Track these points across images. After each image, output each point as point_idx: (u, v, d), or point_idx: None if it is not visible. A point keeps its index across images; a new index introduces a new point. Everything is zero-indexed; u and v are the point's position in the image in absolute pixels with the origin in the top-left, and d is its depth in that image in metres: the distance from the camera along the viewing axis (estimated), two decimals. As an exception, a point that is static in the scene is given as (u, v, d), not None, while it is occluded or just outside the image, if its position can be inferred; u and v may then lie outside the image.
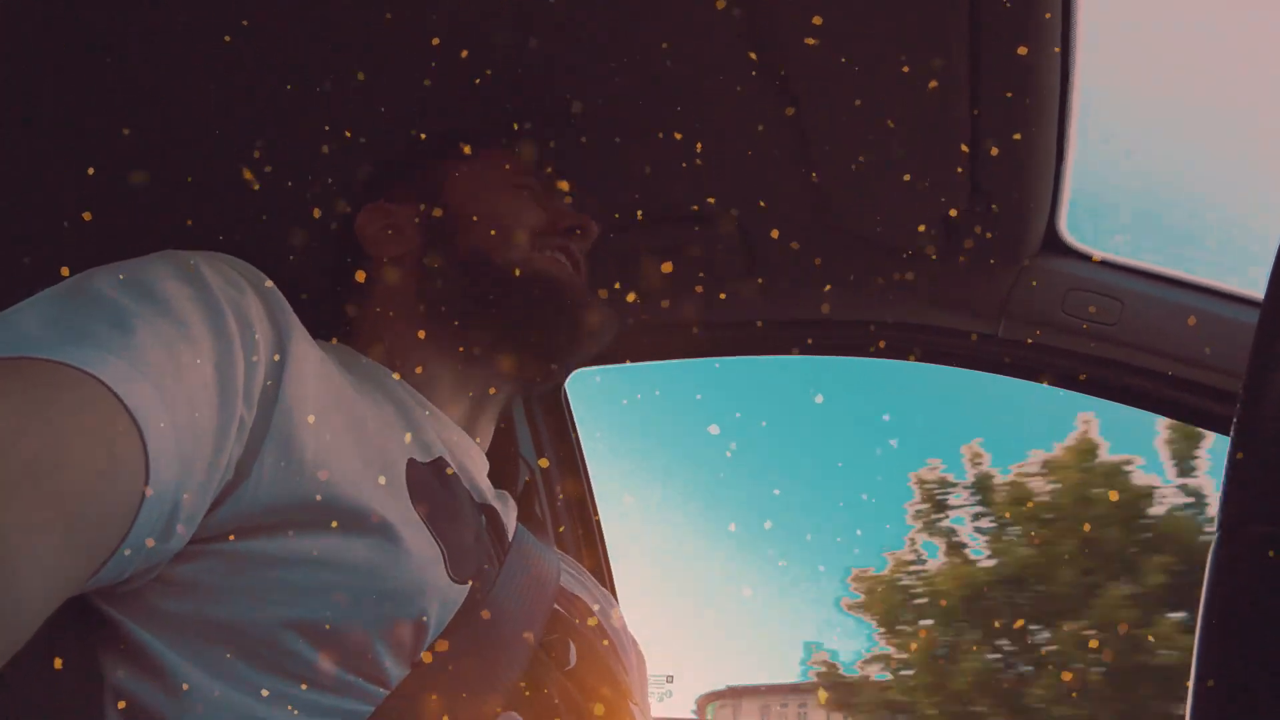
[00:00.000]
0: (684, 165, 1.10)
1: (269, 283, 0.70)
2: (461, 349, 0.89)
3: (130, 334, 0.56)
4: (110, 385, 0.52)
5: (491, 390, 0.92)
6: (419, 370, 0.87)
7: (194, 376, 0.58)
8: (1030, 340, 1.21)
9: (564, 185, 1.02)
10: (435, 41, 0.94)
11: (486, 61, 0.96)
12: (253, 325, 0.64)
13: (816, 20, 0.88)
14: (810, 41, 0.91)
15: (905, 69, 0.91)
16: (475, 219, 0.92)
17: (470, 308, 0.89)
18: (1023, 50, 0.87)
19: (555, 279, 0.91)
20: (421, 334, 0.89)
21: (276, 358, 0.66)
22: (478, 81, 0.98)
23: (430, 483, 0.75)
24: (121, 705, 0.58)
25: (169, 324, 0.59)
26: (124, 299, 0.58)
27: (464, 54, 0.95)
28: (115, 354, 0.54)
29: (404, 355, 0.88)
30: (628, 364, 1.46)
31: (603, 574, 1.53)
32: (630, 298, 1.31)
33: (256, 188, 1.09)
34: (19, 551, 0.45)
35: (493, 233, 0.91)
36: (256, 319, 0.65)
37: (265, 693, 0.60)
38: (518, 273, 0.89)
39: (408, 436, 0.79)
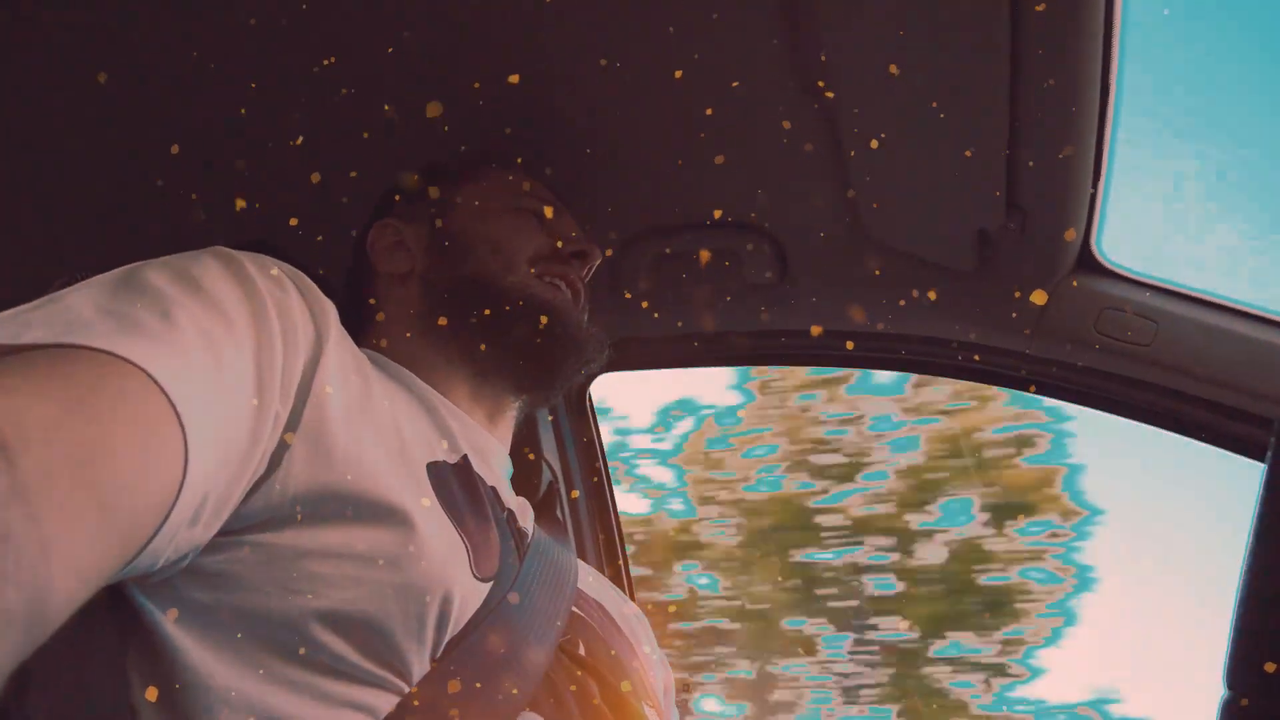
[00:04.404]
0: (718, 175, 1.10)
1: (312, 283, 0.71)
2: (468, 364, 0.91)
3: (176, 326, 0.57)
4: (155, 377, 0.53)
5: (503, 401, 0.94)
6: (436, 378, 0.90)
7: (234, 370, 0.59)
8: (1062, 359, 1.20)
9: (552, 207, 1.03)
10: (457, 56, 0.95)
11: (517, 69, 0.97)
12: (294, 322, 0.66)
13: (855, 33, 0.88)
14: (849, 54, 0.90)
15: (944, 84, 0.91)
16: (478, 241, 0.94)
17: (470, 327, 0.91)
18: (1063, 68, 0.86)
19: (550, 307, 0.93)
20: (432, 347, 0.92)
21: (314, 355, 0.67)
22: (499, 97, 1.00)
23: (456, 481, 0.76)
24: (148, 693, 0.59)
25: (214, 317, 0.60)
26: (172, 290, 0.60)
27: (492, 65, 0.97)
28: (161, 345, 0.55)
29: (421, 364, 0.90)
30: (655, 370, 1.46)
31: (622, 579, 1.53)
32: (661, 305, 1.31)
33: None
34: (54, 540, 0.45)
35: (493, 256, 0.94)
36: (298, 316, 0.67)
37: (290, 683, 0.60)
38: (515, 298, 0.92)
39: (435, 436, 0.81)
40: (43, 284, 0.61)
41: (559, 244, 0.98)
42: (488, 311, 0.91)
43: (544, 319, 0.92)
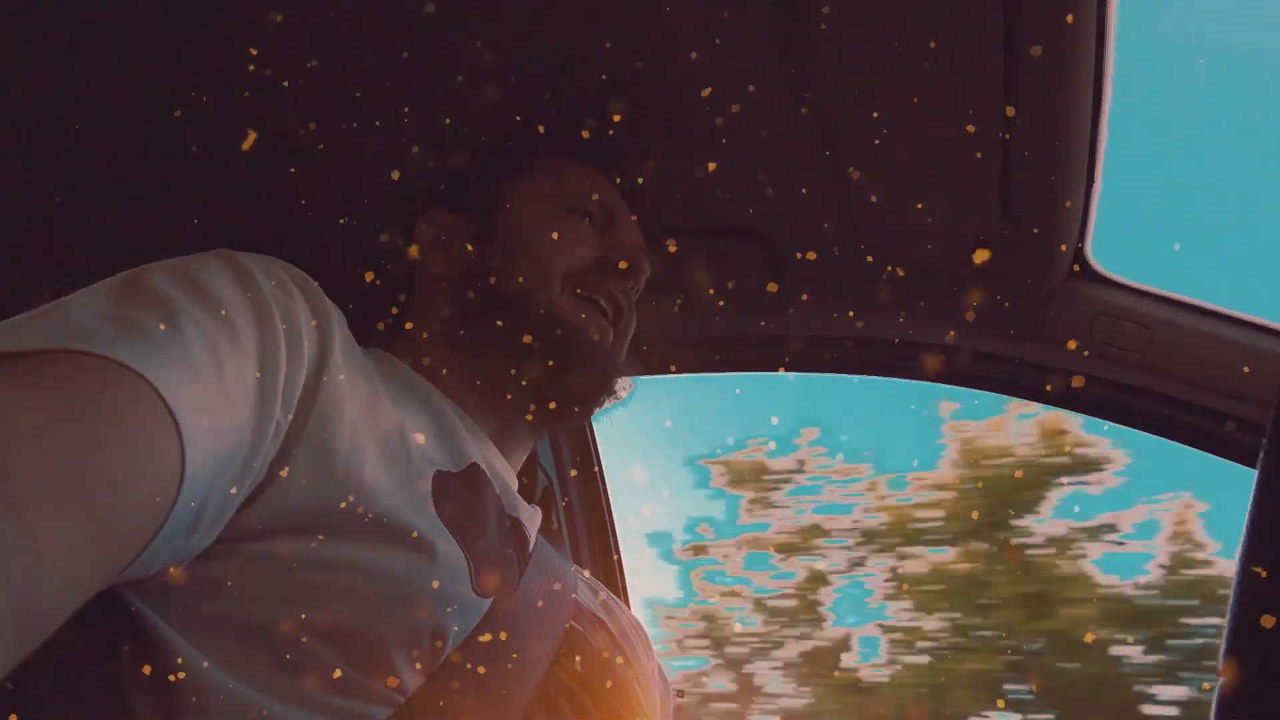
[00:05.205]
0: (715, 181, 1.10)
1: (317, 288, 0.70)
2: (485, 377, 0.88)
3: (179, 332, 0.56)
4: (154, 384, 0.52)
5: (515, 420, 0.90)
6: (453, 386, 0.87)
7: (237, 377, 0.58)
8: (1056, 365, 1.21)
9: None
10: (459, 57, 0.95)
11: (520, 79, 0.97)
12: (298, 329, 0.65)
13: (850, 38, 0.89)
14: (844, 60, 0.91)
15: (938, 90, 0.92)
16: (517, 247, 0.90)
17: (494, 340, 0.87)
18: (1056, 75, 0.87)
19: (576, 329, 0.87)
20: (453, 353, 0.88)
21: (318, 363, 0.66)
22: (496, 98, 0.99)
23: (460, 493, 0.75)
24: (142, 699, 0.59)
25: (217, 323, 0.59)
26: (176, 295, 0.59)
27: (492, 66, 0.96)
28: (162, 351, 0.54)
29: (439, 370, 0.87)
30: (652, 377, 1.46)
31: (618, 588, 1.53)
32: (656, 311, 1.31)
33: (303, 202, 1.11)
34: (46, 549, 0.45)
35: (530, 268, 0.88)
36: (303, 323, 0.65)
37: (284, 693, 0.60)
38: (542, 315, 0.86)
39: (441, 445, 0.79)
40: (42, 291, 0.61)
41: (604, 255, 0.91)
42: (514, 326, 0.86)
43: (568, 346, 0.86)
